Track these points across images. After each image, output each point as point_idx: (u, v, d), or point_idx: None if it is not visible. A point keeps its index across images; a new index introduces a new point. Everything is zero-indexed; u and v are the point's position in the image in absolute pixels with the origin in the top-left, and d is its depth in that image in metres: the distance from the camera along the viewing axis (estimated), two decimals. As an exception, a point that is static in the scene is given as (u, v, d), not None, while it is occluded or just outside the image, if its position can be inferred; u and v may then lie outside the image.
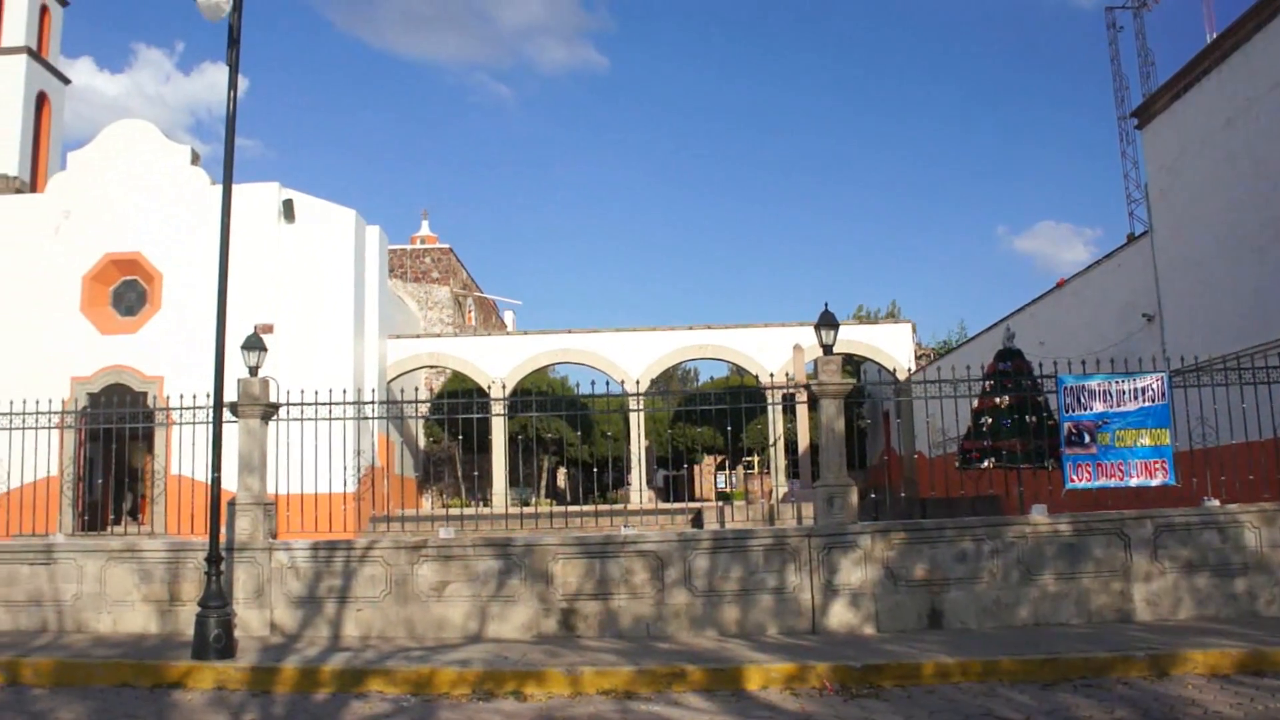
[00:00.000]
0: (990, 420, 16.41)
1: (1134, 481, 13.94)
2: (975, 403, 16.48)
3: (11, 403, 16.81)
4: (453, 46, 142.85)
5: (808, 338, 30.77)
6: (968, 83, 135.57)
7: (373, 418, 17.78)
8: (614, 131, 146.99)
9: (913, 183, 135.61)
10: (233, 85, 12.38)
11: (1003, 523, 13.58)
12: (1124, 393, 14.13)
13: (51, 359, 31.36)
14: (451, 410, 23.68)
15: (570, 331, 36.46)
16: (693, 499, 42.09)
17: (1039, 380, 15.20)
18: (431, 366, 38.58)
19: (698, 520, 23.73)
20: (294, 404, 14.97)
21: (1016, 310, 28.85)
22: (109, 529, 28.44)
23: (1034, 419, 15.32)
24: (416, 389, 27.73)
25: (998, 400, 16.09)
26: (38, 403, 16.99)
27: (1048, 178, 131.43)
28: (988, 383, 16.55)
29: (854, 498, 13.61)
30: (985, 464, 16.43)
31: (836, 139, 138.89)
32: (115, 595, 14.21)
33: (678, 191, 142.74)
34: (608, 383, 32.32)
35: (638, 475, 34.34)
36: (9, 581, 14.55)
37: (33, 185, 37.98)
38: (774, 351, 34.12)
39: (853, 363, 36.98)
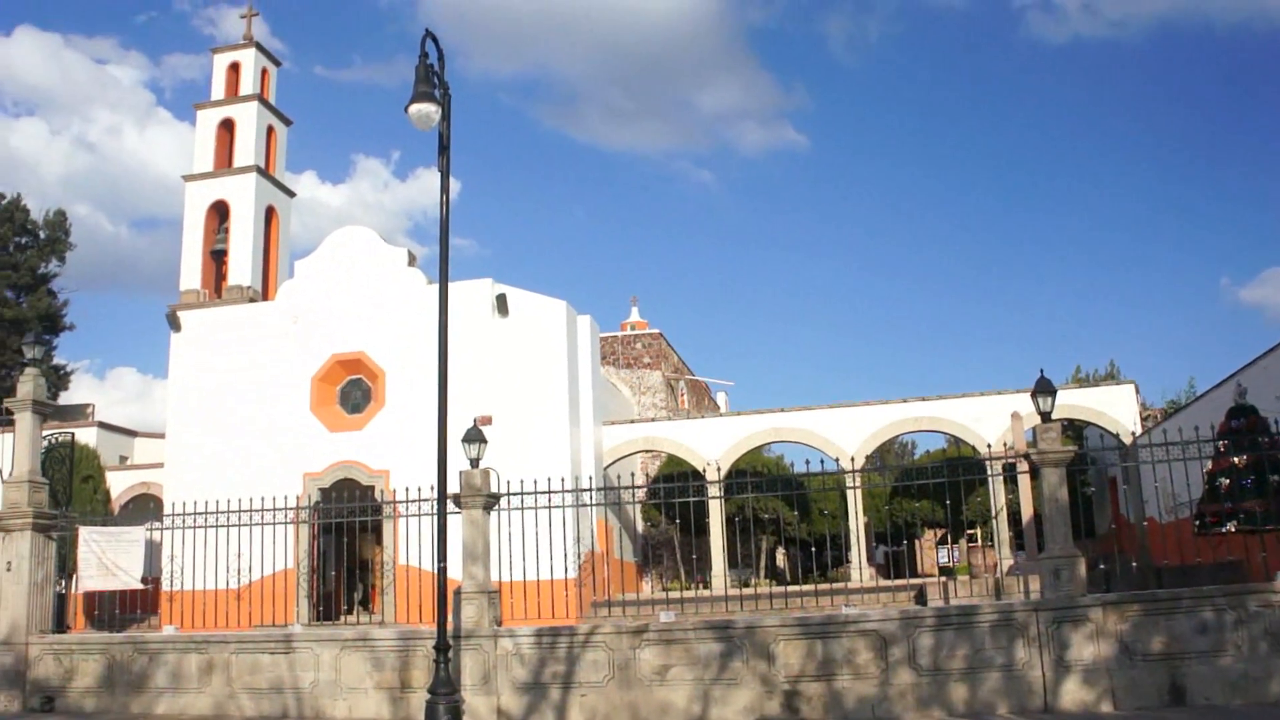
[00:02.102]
0: (1228, 481, 15.72)
1: (1389, 542, 13.08)
2: (1209, 464, 15.79)
3: (251, 500, 17.68)
4: (655, 136, 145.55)
5: (1025, 405, 29.91)
6: (1173, 132, 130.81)
7: (591, 504, 18.03)
8: (817, 206, 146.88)
9: (1124, 239, 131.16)
10: (444, 190, 12.87)
11: (1245, 591, 12.90)
12: (1371, 447, 13.30)
13: (286, 457, 32.80)
14: (668, 494, 23.85)
15: (783, 410, 36.30)
16: (914, 575, 41.16)
17: (1276, 437, 14.47)
18: (647, 451, 38.89)
19: (920, 597, 23.21)
20: (514, 494, 15.35)
21: (1247, 364, 27.48)
22: (342, 619, 29.49)
23: (1278, 478, 14.59)
24: (633, 474, 27.99)
25: (1235, 460, 15.41)
26: (275, 500, 17.83)
27: (1267, 222, 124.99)
28: (1221, 443, 15.85)
29: (1082, 569, 13.15)
30: (1226, 528, 15.71)
31: (1043, 197, 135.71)
32: (349, 683, 14.72)
33: (884, 262, 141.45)
34: (822, 460, 31.93)
35: (857, 552, 33.81)
36: (253, 670, 15.24)
37: (264, 293, 40.14)
38: (991, 421, 33.30)
39: (1074, 428, 35.72)
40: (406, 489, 17.33)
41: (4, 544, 16.84)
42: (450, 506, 13.47)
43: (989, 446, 21.57)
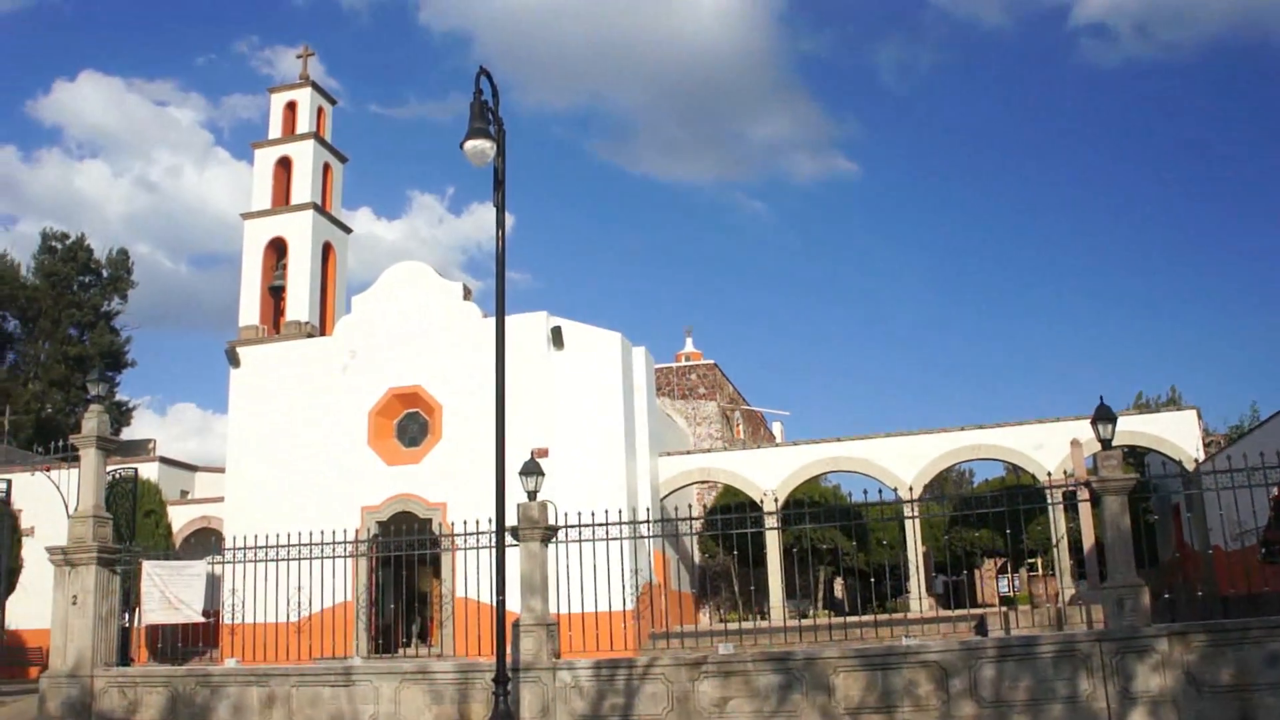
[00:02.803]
0: (1293, 508, 15.47)
1: None
2: (1275, 490, 15.55)
3: (310, 533, 17.83)
4: (707, 167, 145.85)
5: (1085, 431, 29.56)
6: (1230, 153, 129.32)
7: (648, 536, 18.03)
8: (871, 234, 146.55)
9: (1183, 263, 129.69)
10: (500, 224, 12.96)
11: (1314, 620, 12.66)
12: None
13: (344, 491, 32.99)
14: (725, 525, 23.81)
15: (839, 440, 36.07)
16: (975, 605, 40.75)
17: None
18: (703, 482, 38.79)
19: (981, 627, 22.97)
20: (572, 526, 15.37)
21: (1313, 390, 27.04)
22: (400, 651, 29.58)
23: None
24: (690, 505, 27.92)
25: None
26: (334, 533, 17.97)
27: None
28: (1286, 469, 15.60)
29: (1146, 598, 12.96)
30: (1293, 556, 15.45)
31: (1101, 221, 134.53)
32: (409, 715, 14.77)
33: (940, 288, 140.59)
34: (880, 490, 31.79)
35: (916, 582, 33.52)
36: (312, 703, 15.32)
37: (321, 329, 40.49)
38: (1051, 448, 32.89)
39: (1135, 455, 35.30)
40: (464, 522, 17.41)
41: (70, 578, 17.08)
42: (508, 539, 13.51)
43: (1049, 474, 21.36)
